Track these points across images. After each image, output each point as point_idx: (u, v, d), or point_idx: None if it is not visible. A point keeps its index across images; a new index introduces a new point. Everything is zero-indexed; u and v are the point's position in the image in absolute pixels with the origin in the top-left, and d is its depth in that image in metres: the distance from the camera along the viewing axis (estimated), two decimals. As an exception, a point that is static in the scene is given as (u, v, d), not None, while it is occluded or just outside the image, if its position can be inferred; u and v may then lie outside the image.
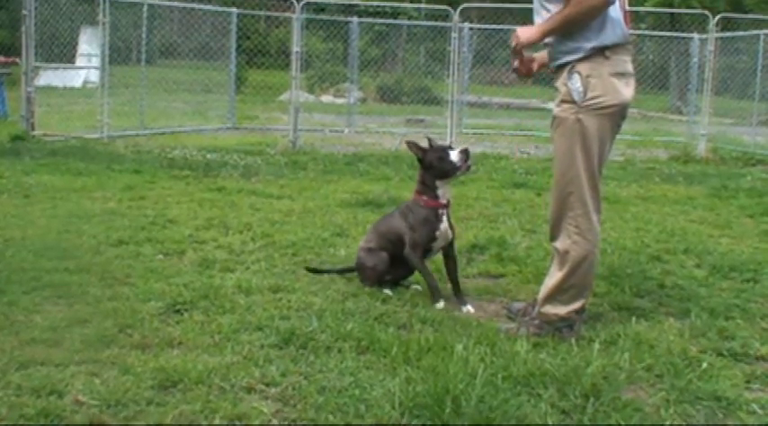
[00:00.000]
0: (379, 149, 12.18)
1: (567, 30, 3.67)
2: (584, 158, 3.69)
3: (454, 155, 4.25)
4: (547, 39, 3.82)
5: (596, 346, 3.53)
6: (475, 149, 12.43)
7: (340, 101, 20.42)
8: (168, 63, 19.32)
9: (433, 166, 4.28)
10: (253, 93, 19.65)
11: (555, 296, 3.81)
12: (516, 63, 4.03)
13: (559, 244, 3.80)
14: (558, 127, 3.75)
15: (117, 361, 3.28)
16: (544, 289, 3.87)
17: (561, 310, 3.78)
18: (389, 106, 19.90)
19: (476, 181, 9.05)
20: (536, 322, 3.84)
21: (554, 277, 3.83)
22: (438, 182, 4.30)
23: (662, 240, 6.12)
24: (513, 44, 3.84)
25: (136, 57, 15.71)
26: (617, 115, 3.74)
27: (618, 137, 3.91)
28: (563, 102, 3.72)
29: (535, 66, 4.06)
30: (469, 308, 4.25)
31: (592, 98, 3.64)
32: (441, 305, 4.21)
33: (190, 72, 18.19)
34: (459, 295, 4.35)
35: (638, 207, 7.73)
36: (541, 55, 4.04)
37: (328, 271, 4.75)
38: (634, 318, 4.04)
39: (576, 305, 3.79)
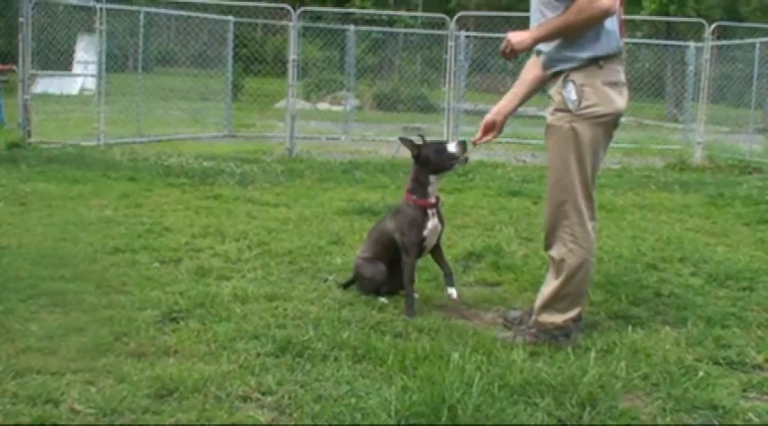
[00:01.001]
0: (375, 157, 12.19)
1: (561, 37, 3.67)
2: (578, 166, 3.70)
3: (452, 147, 4.25)
4: (539, 47, 3.83)
5: (593, 355, 3.53)
6: (471, 157, 12.40)
7: (336, 108, 20.43)
8: (165, 70, 19.32)
9: (430, 160, 4.25)
10: (249, 100, 19.64)
11: (551, 304, 3.81)
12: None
13: (555, 252, 3.80)
14: (552, 135, 3.76)
15: (113, 370, 3.27)
16: (540, 298, 3.88)
17: (558, 318, 3.79)
18: (386, 114, 19.93)
19: (472, 189, 9.06)
20: (532, 330, 3.84)
21: (550, 285, 3.84)
22: (432, 177, 4.28)
23: (658, 248, 6.12)
24: (503, 47, 3.82)
25: (133, 65, 15.72)
26: (610, 124, 3.76)
27: (614, 145, 3.93)
28: (557, 110, 3.73)
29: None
30: (453, 292, 4.27)
31: (586, 107, 3.65)
32: (408, 317, 4.15)
33: (186, 79, 18.18)
34: (448, 277, 4.35)
35: (634, 215, 7.74)
36: None
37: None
38: (630, 327, 4.04)
39: (573, 313, 3.80)
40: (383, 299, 4.43)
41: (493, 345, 3.65)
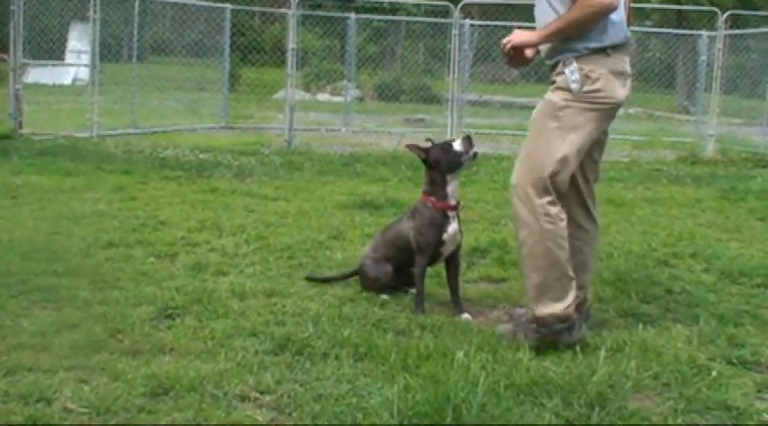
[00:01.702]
0: (376, 149, 12.18)
1: (567, 34, 3.66)
2: (556, 145, 3.61)
3: (457, 145, 4.25)
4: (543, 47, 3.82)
5: (602, 353, 3.52)
6: (475, 149, 12.39)
7: (337, 99, 20.39)
8: (160, 60, 19.29)
9: (440, 161, 4.26)
10: (247, 91, 19.60)
11: (541, 295, 3.67)
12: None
13: (528, 233, 3.66)
14: (542, 109, 3.71)
15: (107, 367, 3.27)
16: (530, 291, 3.73)
17: (556, 308, 3.65)
18: (388, 105, 19.89)
19: (477, 183, 9.04)
20: (533, 326, 3.71)
21: (534, 273, 3.68)
22: (448, 177, 4.27)
23: (669, 244, 6.12)
24: (504, 42, 3.79)
25: (127, 54, 15.67)
26: (607, 113, 3.71)
27: (623, 137, 3.93)
28: (558, 88, 3.69)
29: (530, 53, 3.96)
30: (467, 316, 4.23)
31: (589, 92, 3.62)
32: (415, 315, 4.16)
33: (183, 69, 18.15)
34: (457, 301, 4.33)
35: (644, 209, 7.73)
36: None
37: (330, 279, 4.73)
38: (641, 324, 4.04)
39: (570, 298, 3.67)
40: (385, 296, 4.44)
41: (498, 343, 3.65)
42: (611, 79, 3.65)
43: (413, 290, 4.45)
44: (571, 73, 3.64)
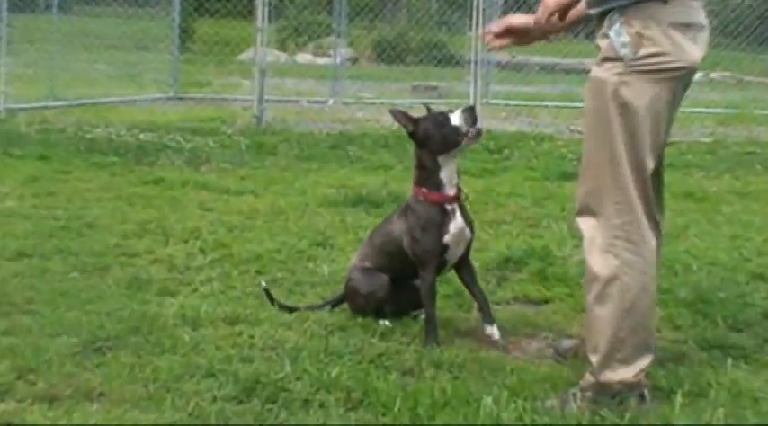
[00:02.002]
0: (375, 127, 12.21)
1: None
2: (627, 140, 3.50)
3: (455, 118, 4.24)
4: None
5: (678, 399, 3.50)
6: (507, 127, 12.46)
7: (322, 61, 20.45)
8: (89, 10, 19.35)
9: (430, 137, 4.26)
10: (203, 50, 19.66)
11: (613, 355, 3.56)
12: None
13: (599, 266, 3.56)
14: (593, 94, 3.65)
15: (13, 420, 3.25)
16: (594, 347, 3.60)
17: (627, 373, 3.54)
18: (390, 68, 19.96)
19: (509, 171, 9.04)
20: (588, 394, 3.58)
21: (601, 321, 3.57)
22: (440, 159, 4.26)
23: (766, 252, 6.10)
24: (539, 16, 3.74)
25: (45, 3, 15.70)
26: (679, 82, 3.63)
27: (705, 110, 3.86)
28: (605, 59, 3.63)
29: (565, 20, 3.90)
30: (494, 331, 4.24)
31: (645, 57, 3.55)
32: (431, 349, 4.12)
33: (118, 23, 18.19)
34: (485, 310, 4.33)
35: (733, 206, 7.73)
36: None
37: (309, 308, 4.68)
38: (730, 360, 4.02)
39: (647, 360, 3.58)
40: (386, 322, 4.42)
41: (539, 387, 3.61)
42: (673, 35, 3.57)
43: (423, 315, 4.42)
44: (617, 34, 3.56)
